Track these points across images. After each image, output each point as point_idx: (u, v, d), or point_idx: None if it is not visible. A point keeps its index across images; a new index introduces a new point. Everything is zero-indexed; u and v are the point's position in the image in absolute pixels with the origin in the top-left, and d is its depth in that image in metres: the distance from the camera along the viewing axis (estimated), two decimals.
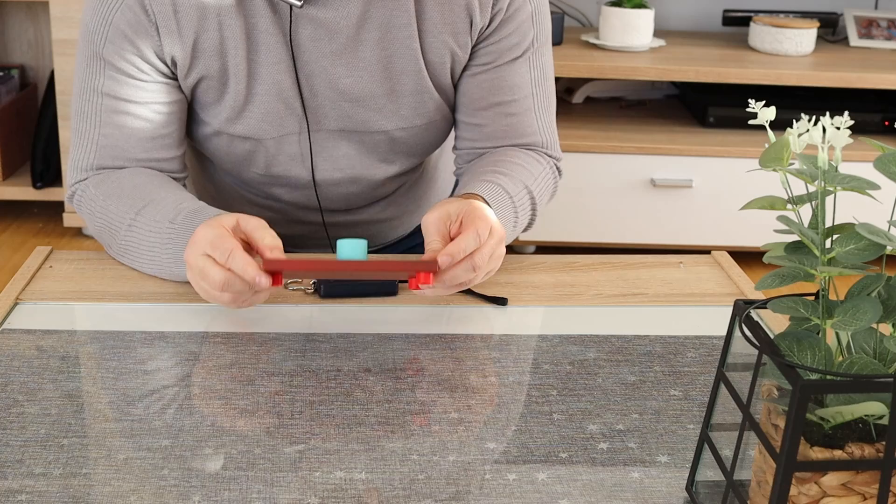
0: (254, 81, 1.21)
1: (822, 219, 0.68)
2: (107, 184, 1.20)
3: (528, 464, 0.85)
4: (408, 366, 0.99)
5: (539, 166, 1.28)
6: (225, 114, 1.23)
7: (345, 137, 1.27)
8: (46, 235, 3.14)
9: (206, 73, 1.20)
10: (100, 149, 1.21)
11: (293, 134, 1.25)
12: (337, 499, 0.80)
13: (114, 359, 1.00)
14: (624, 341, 1.06)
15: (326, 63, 1.21)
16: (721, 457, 0.75)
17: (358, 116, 1.25)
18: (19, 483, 0.81)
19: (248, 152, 1.26)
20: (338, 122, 1.25)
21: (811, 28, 3.07)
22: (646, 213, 2.98)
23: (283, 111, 1.23)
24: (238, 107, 1.22)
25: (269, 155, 1.27)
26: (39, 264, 1.19)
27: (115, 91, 1.19)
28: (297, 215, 1.36)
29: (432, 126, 1.29)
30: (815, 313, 0.68)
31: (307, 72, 1.21)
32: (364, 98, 1.24)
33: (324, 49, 1.20)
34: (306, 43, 1.20)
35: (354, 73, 1.22)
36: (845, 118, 0.68)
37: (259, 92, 1.21)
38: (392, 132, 1.27)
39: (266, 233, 1.03)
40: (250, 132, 1.24)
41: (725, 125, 3.07)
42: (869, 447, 0.66)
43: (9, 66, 3.35)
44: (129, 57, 1.18)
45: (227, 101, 1.22)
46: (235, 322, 1.07)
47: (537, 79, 1.28)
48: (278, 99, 1.22)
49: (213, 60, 1.19)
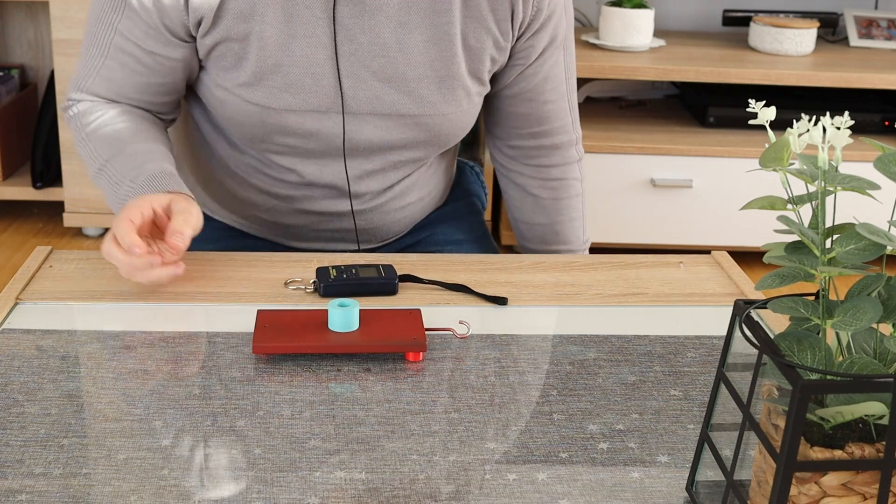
0: (282, 52, 1.22)
1: (822, 219, 0.68)
2: (93, 118, 1.27)
3: (528, 464, 0.85)
4: (408, 366, 0.99)
5: (576, 188, 1.47)
6: (243, 78, 1.24)
7: (373, 120, 1.28)
8: (46, 235, 3.13)
9: (228, 36, 1.22)
10: (100, 78, 1.28)
11: (319, 111, 1.26)
12: (337, 499, 0.80)
13: (114, 359, 1.00)
14: (624, 341, 1.06)
15: (365, 40, 1.23)
16: (721, 457, 0.75)
17: (387, 98, 1.26)
18: (19, 483, 0.81)
19: (261, 122, 1.27)
20: (368, 105, 1.26)
21: (811, 28, 3.07)
22: (646, 213, 2.98)
23: (311, 86, 1.24)
24: (259, 73, 1.23)
25: (286, 127, 1.27)
26: (39, 264, 1.19)
27: (128, 31, 1.24)
28: (290, 194, 1.37)
29: (460, 114, 1.31)
30: (816, 313, 0.68)
31: (343, 50, 1.23)
32: (398, 80, 1.25)
33: (363, 27, 1.22)
34: (346, 20, 1.22)
35: (391, 53, 1.24)
36: (845, 118, 0.68)
37: (286, 63, 1.23)
38: (419, 117, 1.28)
39: (179, 218, 1.10)
40: (269, 101, 1.25)
41: (725, 125, 3.07)
42: (869, 447, 0.66)
43: (9, 66, 3.35)
44: (149, 6, 1.21)
45: (247, 67, 1.23)
46: (235, 322, 1.07)
47: (568, 65, 1.38)
48: (306, 73, 1.23)
49: (238, 24, 1.21)
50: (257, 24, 1.21)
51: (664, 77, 2.91)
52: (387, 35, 1.23)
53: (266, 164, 1.34)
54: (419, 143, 1.32)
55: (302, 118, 1.26)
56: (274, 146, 1.30)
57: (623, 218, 2.99)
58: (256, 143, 1.31)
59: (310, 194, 1.35)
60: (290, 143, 1.29)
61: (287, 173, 1.34)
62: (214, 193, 1.43)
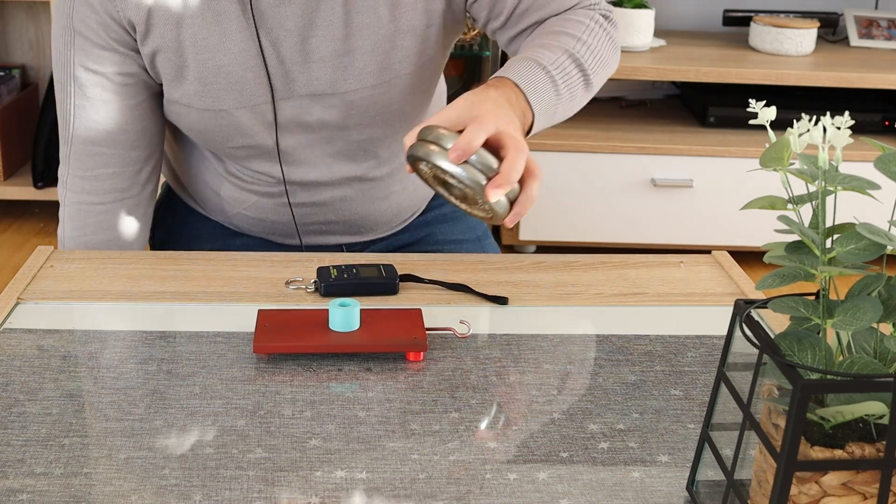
0: (218, 52, 1.21)
1: (822, 219, 0.69)
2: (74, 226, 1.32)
3: (528, 463, 0.85)
4: (408, 365, 0.99)
5: (580, 25, 1.25)
6: (192, 87, 1.23)
7: (317, 102, 1.26)
8: (47, 235, 3.14)
9: (163, 45, 1.21)
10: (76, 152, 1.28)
11: (265, 103, 1.25)
12: (338, 498, 0.80)
13: (115, 358, 1.00)
14: (624, 341, 1.06)
15: (291, 26, 1.21)
16: (721, 456, 0.75)
17: (326, 78, 1.24)
18: (20, 482, 0.81)
19: (219, 126, 1.26)
20: (307, 87, 1.25)
21: (811, 28, 3.08)
22: (646, 213, 2.98)
23: (252, 80, 1.23)
24: (204, 79, 1.22)
25: (243, 126, 1.26)
26: (41, 264, 1.19)
27: (85, 61, 1.23)
28: (265, 193, 1.37)
29: (399, 81, 1.27)
30: (816, 313, 0.68)
31: (273, 38, 1.21)
32: (330, 58, 1.23)
33: (286, 12, 1.20)
34: (268, 10, 1.20)
35: (318, 32, 1.22)
36: (846, 118, 0.68)
37: (225, 62, 1.22)
38: (360, 91, 1.26)
39: None
40: (219, 105, 1.24)
41: (726, 125, 3.08)
42: (869, 447, 0.66)
43: (9, 65, 3.35)
44: (94, 25, 1.21)
45: (191, 74, 1.22)
46: (235, 322, 1.07)
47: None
48: (244, 68, 1.22)
49: (170, 29, 1.20)
50: (188, 28, 1.20)
51: (664, 77, 2.91)
52: (310, 14, 1.20)
53: (239, 168, 1.35)
54: (368, 119, 1.29)
55: (252, 114, 1.26)
56: (238, 150, 1.30)
57: (623, 218, 2.99)
58: (222, 148, 1.31)
59: (284, 189, 1.35)
60: (251, 143, 1.29)
61: (259, 174, 1.34)
62: (203, 198, 1.44)
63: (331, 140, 1.31)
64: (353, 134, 1.31)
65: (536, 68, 1.16)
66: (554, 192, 2.96)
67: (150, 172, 1.33)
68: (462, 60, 3.30)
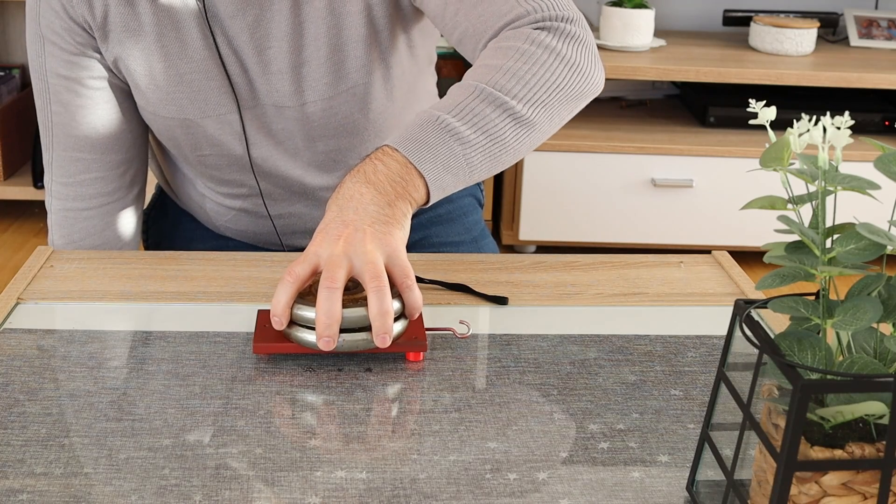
0: (180, 60, 1.20)
1: (822, 219, 0.69)
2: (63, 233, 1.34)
3: (528, 463, 0.85)
4: (408, 365, 0.99)
5: (509, 52, 1.07)
6: (155, 95, 1.23)
7: (280, 113, 1.25)
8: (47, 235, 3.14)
9: (123, 52, 1.21)
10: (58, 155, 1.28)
11: (231, 113, 1.24)
12: (338, 498, 0.80)
13: (115, 358, 1.00)
14: (624, 341, 1.06)
15: (247, 37, 1.20)
16: (721, 456, 0.75)
17: (285, 90, 1.23)
18: (20, 482, 0.81)
19: (187, 134, 1.26)
20: (269, 97, 1.24)
21: (811, 28, 3.08)
22: (646, 213, 2.98)
23: (216, 90, 1.22)
24: (167, 87, 1.22)
25: (211, 136, 1.26)
26: (41, 264, 1.19)
27: (57, 68, 1.23)
28: (244, 205, 1.36)
29: (360, 90, 1.24)
30: (816, 313, 0.68)
31: (234, 47, 1.21)
32: (287, 70, 1.22)
33: (241, 23, 1.19)
34: (226, 20, 1.19)
35: (273, 44, 1.20)
36: (846, 118, 0.68)
37: (187, 71, 1.21)
38: (318, 102, 1.24)
39: None
40: (183, 114, 1.24)
41: (726, 125, 3.08)
42: (869, 447, 0.66)
43: (10, 65, 3.35)
44: (60, 31, 1.20)
45: (155, 82, 1.22)
46: (235, 322, 1.07)
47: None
48: (207, 77, 1.21)
49: (127, 38, 1.20)
50: (147, 35, 1.20)
51: (664, 77, 2.91)
52: (264, 25, 1.19)
53: (217, 179, 1.34)
54: (332, 131, 1.27)
55: (219, 123, 1.25)
56: (210, 157, 1.30)
57: (623, 218, 2.99)
58: (193, 155, 1.30)
59: (262, 200, 1.35)
60: (221, 153, 1.28)
61: (235, 186, 1.34)
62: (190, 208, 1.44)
63: (299, 151, 1.30)
64: (319, 145, 1.30)
65: (427, 124, 1.03)
66: (554, 192, 2.96)
67: (135, 174, 1.33)
68: (462, 60, 3.30)
